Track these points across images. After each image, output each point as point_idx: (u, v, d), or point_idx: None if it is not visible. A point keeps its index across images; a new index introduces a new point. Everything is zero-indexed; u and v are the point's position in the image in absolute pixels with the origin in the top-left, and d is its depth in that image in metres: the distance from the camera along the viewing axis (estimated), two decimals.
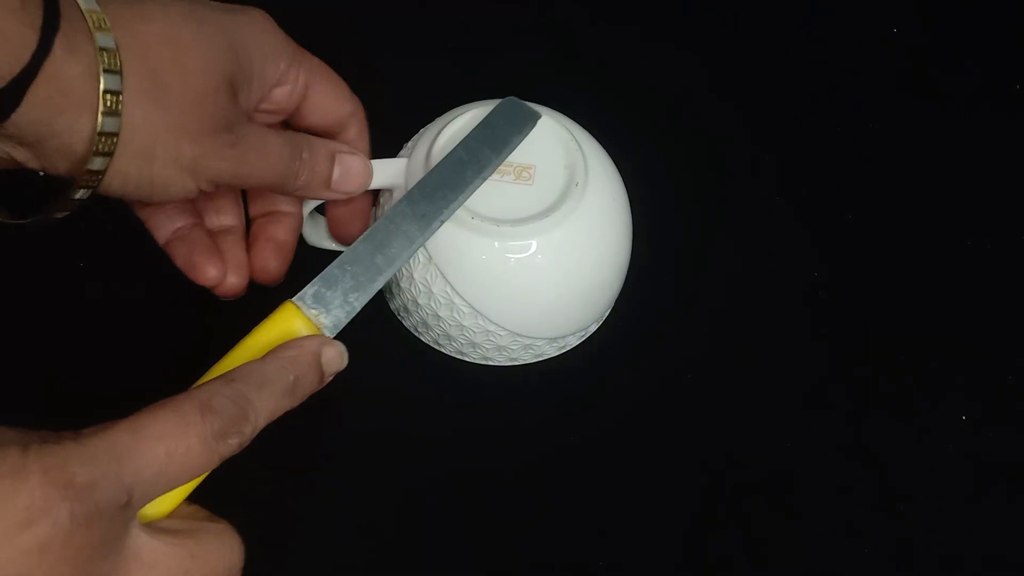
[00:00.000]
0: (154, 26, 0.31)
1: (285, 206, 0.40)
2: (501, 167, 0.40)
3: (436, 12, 0.55)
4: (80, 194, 0.31)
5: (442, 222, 0.38)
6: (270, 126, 0.37)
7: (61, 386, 0.43)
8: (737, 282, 0.49)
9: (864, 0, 0.58)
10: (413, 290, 0.40)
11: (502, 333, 0.40)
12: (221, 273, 0.38)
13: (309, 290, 0.34)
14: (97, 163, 0.30)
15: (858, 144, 0.54)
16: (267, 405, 0.29)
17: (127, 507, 0.25)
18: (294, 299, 0.34)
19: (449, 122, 0.41)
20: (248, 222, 0.41)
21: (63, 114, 0.29)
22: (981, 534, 0.44)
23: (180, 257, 0.38)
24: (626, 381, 0.46)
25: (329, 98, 0.38)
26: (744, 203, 0.52)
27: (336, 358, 0.32)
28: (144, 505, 0.27)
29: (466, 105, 0.42)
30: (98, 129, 0.29)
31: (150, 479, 0.26)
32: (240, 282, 0.39)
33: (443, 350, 0.43)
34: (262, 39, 0.35)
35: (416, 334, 0.44)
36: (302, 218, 0.41)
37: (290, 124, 0.39)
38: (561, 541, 0.43)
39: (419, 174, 0.39)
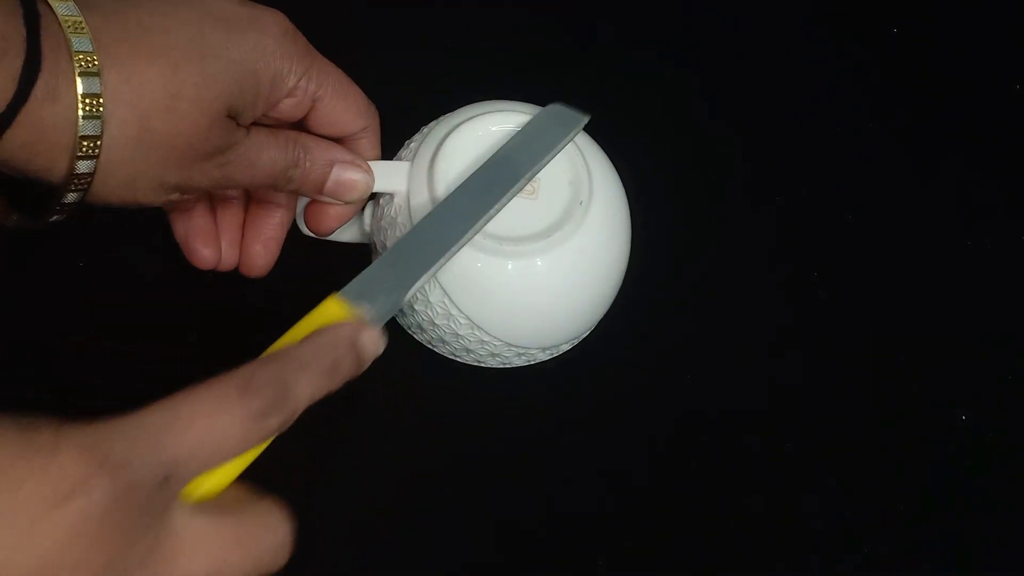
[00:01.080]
0: (151, 68, 0.30)
1: (278, 197, 0.40)
2: None
3: (436, 12, 0.55)
4: (70, 198, 0.31)
5: (486, 222, 0.38)
6: (273, 126, 0.37)
7: (61, 386, 0.43)
8: (737, 282, 0.49)
9: (864, 0, 0.58)
10: (411, 297, 0.40)
11: (497, 343, 0.40)
12: (216, 255, 0.39)
13: (353, 285, 0.34)
14: (71, 196, 0.31)
15: (858, 144, 0.54)
16: (306, 386, 0.29)
17: (166, 485, 0.25)
18: (337, 293, 0.34)
19: (454, 127, 0.40)
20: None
21: (40, 156, 0.29)
22: (981, 534, 0.44)
23: (178, 232, 0.39)
24: (625, 381, 0.46)
25: (338, 112, 0.37)
26: (744, 203, 0.52)
27: (372, 343, 0.32)
28: (185, 484, 0.26)
29: (468, 106, 0.42)
30: (74, 171, 0.30)
31: (187, 456, 0.25)
32: (235, 262, 0.40)
33: (436, 351, 0.43)
34: (274, 56, 0.33)
35: (411, 333, 0.44)
36: (295, 211, 0.41)
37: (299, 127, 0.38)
38: (561, 541, 0.43)
39: (423, 178, 0.39)
